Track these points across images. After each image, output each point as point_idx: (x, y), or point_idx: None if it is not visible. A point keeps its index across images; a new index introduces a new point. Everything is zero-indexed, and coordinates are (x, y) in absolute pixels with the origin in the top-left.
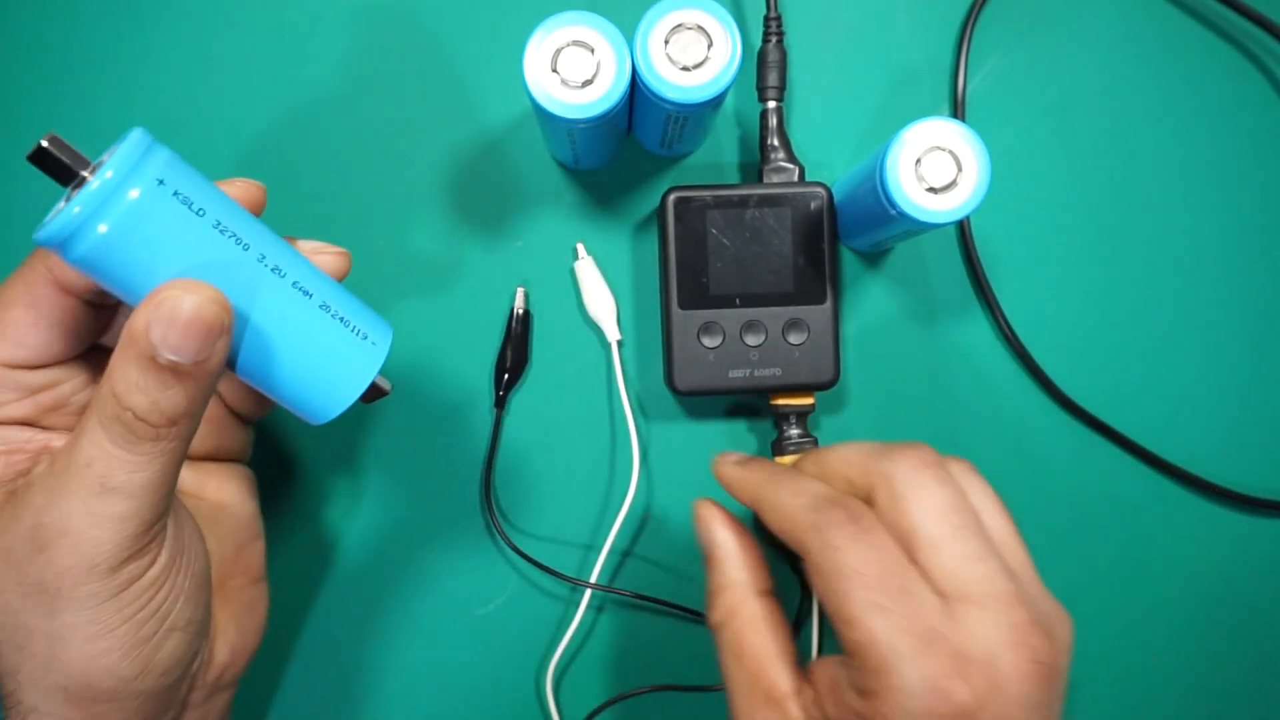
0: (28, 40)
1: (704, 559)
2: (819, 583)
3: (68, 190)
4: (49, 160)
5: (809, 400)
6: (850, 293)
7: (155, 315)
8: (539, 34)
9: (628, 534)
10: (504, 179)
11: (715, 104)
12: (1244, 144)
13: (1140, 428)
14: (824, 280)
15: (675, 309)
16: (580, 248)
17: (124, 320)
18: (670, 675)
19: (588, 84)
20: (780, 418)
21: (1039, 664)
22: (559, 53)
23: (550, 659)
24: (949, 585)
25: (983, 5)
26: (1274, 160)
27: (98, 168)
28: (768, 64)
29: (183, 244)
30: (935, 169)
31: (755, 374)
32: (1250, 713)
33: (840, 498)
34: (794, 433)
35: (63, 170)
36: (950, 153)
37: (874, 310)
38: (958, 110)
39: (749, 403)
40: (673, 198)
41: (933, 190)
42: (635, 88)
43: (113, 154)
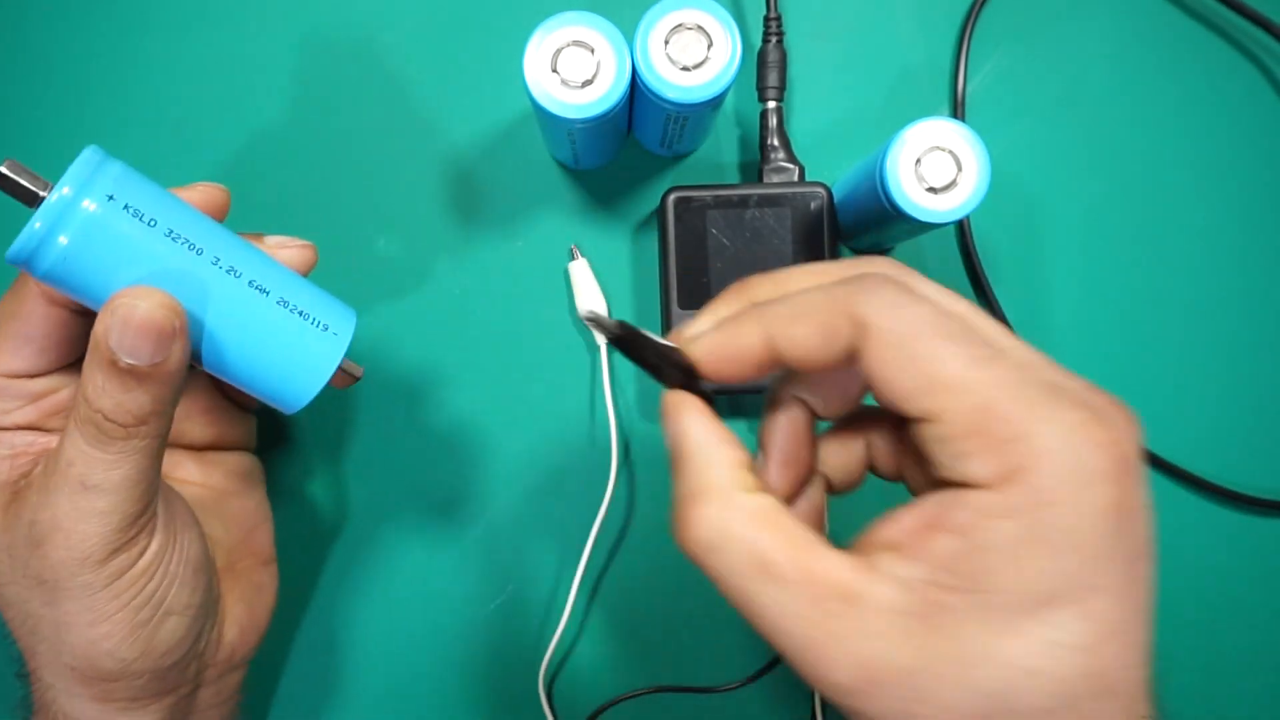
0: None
1: (671, 460)
2: (893, 361)
3: (34, 212)
4: (8, 184)
5: None
6: None
7: (111, 322)
8: (539, 34)
9: (614, 535)
10: (503, 179)
11: (715, 104)
12: (1244, 144)
13: None
14: None
15: (675, 309)
16: (575, 249)
17: None
18: (669, 675)
19: (588, 84)
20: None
21: (1128, 415)
22: (559, 53)
23: (541, 660)
24: (1011, 353)
25: (983, 5)
26: (1274, 160)
27: (54, 187)
28: (768, 64)
29: (136, 253)
30: (935, 169)
31: None
32: (1250, 712)
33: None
34: None
35: (23, 193)
36: (950, 153)
37: None
38: (958, 110)
39: (749, 402)
40: (673, 198)
41: (933, 190)
42: (635, 88)
43: (69, 170)
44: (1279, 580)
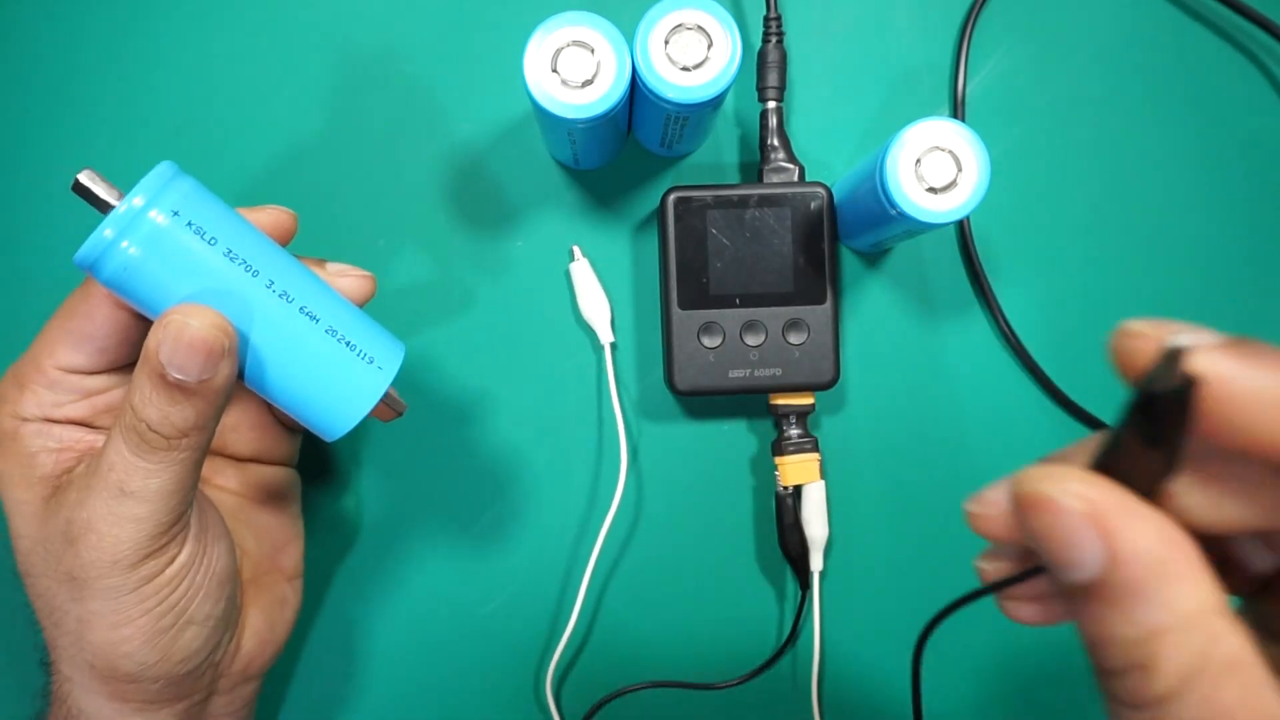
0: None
1: (1102, 584)
2: None
3: (103, 219)
4: (85, 192)
5: (809, 400)
6: (850, 293)
7: (163, 336)
8: (539, 34)
9: (620, 535)
10: (504, 179)
11: (715, 104)
12: (1244, 144)
13: None
14: (824, 280)
15: (675, 309)
16: (576, 250)
17: None
18: (670, 673)
19: (588, 84)
20: (780, 418)
21: None
22: (559, 53)
23: (550, 659)
24: None
25: (983, 5)
26: (1274, 160)
27: (125, 197)
28: (768, 64)
29: (194, 269)
30: (935, 169)
31: (755, 374)
32: None
33: None
34: (794, 433)
35: (98, 201)
36: (950, 153)
37: (874, 310)
38: (958, 110)
39: (749, 402)
40: (673, 198)
41: (933, 190)
42: (635, 88)
43: (140, 184)
44: None
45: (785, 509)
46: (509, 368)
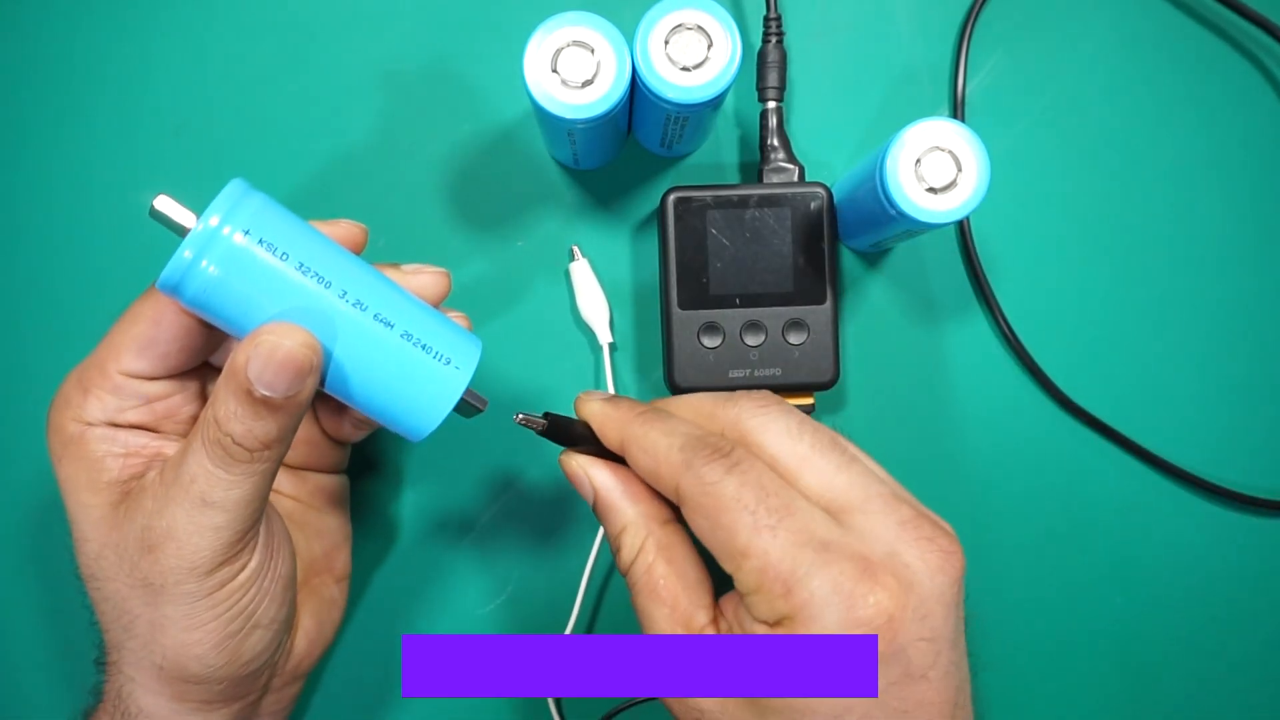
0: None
1: (595, 509)
2: (703, 525)
3: (182, 242)
4: (160, 218)
5: (809, 400)
6: (850, 293)
7: (254, 354)
8: (539, 34)
9: None
10: (504, 179)
11: (715, 104)
12: (1244, 144)
13: (1140, 428)
14: (824, 280)
15: (675, 309)
16: (576, 250)
17: (231, 342)
18: None
19: (588, 84)
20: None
21: (944, 553)
22: (559, 53)
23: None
24: (826, 498)
25: (983, 5)
26: (1274, 160)
27: (200, 218)
28: (768, 64)
29: (272, 285)
30: (935, 169)
31: (755, 374)
32: (1250, 712)
33: (708, 436)
34: None
35: (173, 225)
36: (950, 153)
37: (874, 310)
38: (957, 110)
39: None
40: (673, 198)
41: (932, 190)
42: (635, 88)
43: (213, 204)
44: (1279, 580)
45: None
46: (508, 367)
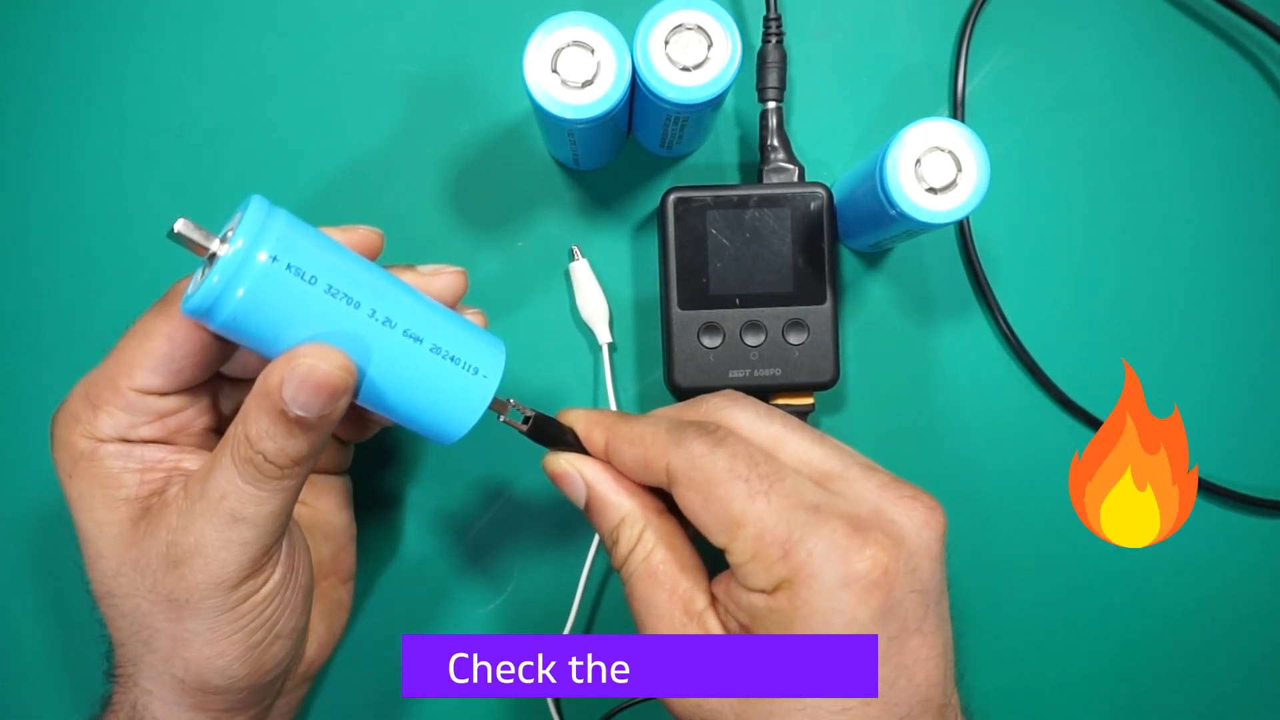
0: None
1: (586, 508)
2: (695, 500)
3: (203, 262)
4: (183, 240)
5: (809, 400)
6: (850, 293)
7: (289, 377)
8: (539, 34)
9: None
10: (504, 179)
11: (715, 104)
12: (1244, 144)
13: None
14: (824, 280)
15: (675, 309)
16: (576, 250)
17: (243, 353)
18: None
19: (588, 84)
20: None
21: (927, 509)
22: (559, 53)
23: None
24: (807, 469)
25: (983, 5)
26: (1274, 160)
27: (225, 240)
28: (768, 64)
29: (301, 309)
30: (935, 169)
31: (755, 374)
32: (1251, 712)
33: (692, 420)
34: None
35: (195, 247)
36: (950, 153)
37: (874, 310)
38: (957, 110)
39: None
40: (673, 198)
41: (932, 190)
42: (635, 88)
43: (236, 223)
44: (1279, 580)
45: None
46: (509, 367)
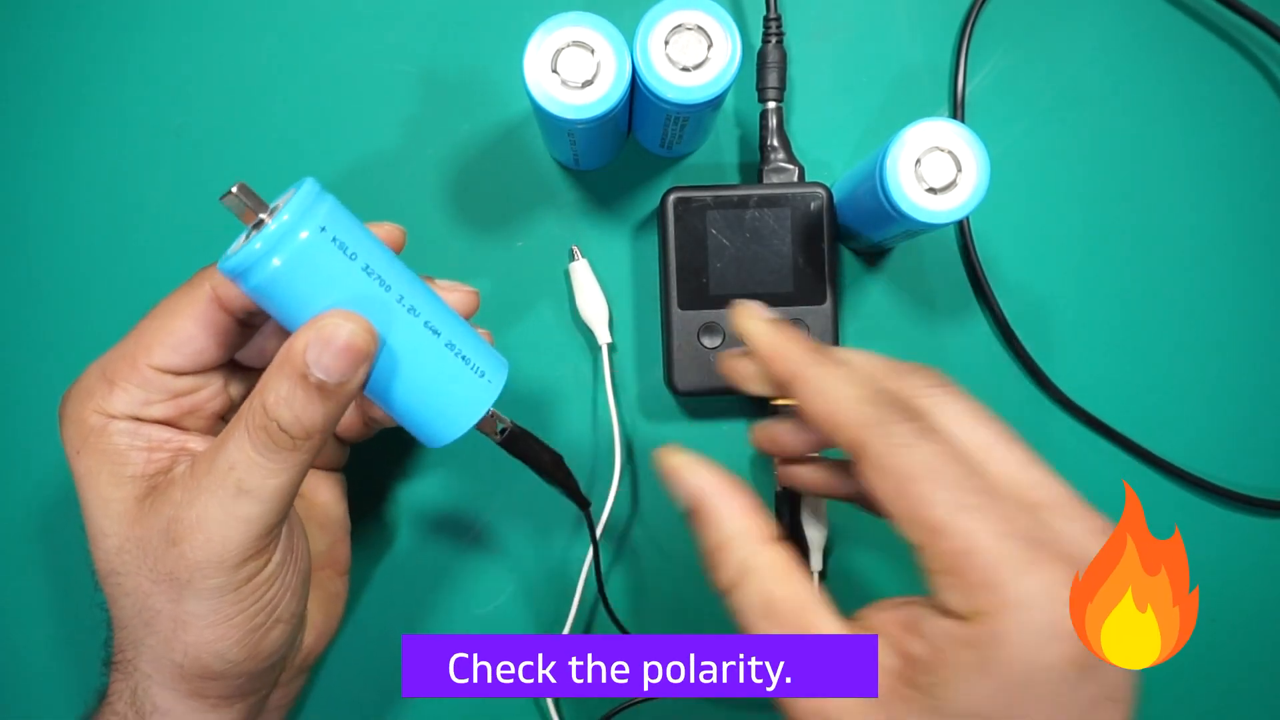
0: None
1: (690, 515)
2: (885, 486)
3: (247, 229)
4: (237, 203)
5: None
6: (850, 293)
7: (313, 338)
8: (539, 34)
9: (616, 535)
10: (504, 179)
11: (715, 104)
12: (1243, 144)
13: (1140, 428)
14: (824, 280)
15: (675, 309)
16: (576, 250)
17: (260, 340)
18: None
19: (588, 84)
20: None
21: None
22: (559, 53)
23: None
24: (1016, 493)
25: (983, 5)
26: (1274, 160)
27: (274, 212)
28: (767, 64)
29: (336, 282)
30: (935, 169)
31: None
32: (1251, 712)
33: (897, 395)
34: None
35: (246, 213)
36: (950, 153)
37: (874, 310)
38: (957, 110)
39: (749, 403)
40: (672, 198)
41: (932, 190)
42: (635, 88)
43: (288, 200)
44: (1279, 580)
45: (784, 510)
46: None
